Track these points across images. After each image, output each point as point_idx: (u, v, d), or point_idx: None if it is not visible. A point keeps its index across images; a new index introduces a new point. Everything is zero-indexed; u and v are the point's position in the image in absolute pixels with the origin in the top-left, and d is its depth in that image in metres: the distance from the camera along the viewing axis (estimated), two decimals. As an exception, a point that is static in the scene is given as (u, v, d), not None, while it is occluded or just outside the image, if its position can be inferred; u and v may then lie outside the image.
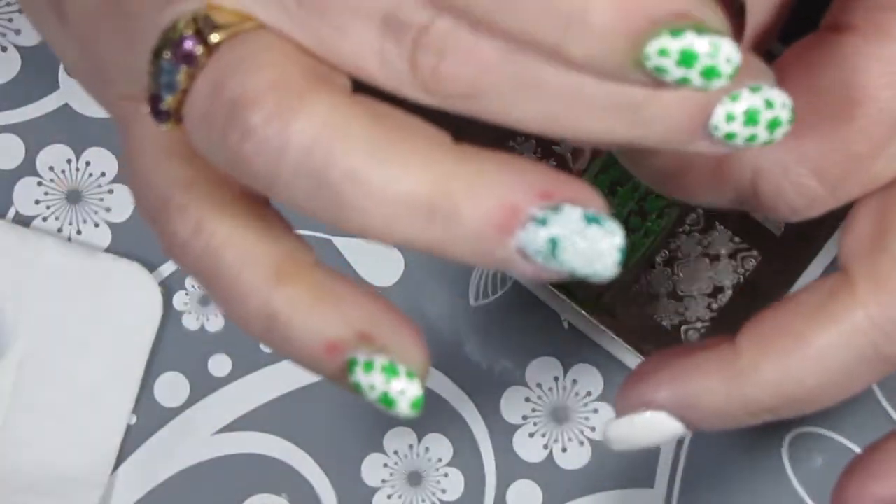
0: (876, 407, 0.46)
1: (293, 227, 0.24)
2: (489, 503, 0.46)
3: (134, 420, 0.46)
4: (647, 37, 0.18)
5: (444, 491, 0.46)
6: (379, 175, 0.20)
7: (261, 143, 0.20)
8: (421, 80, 0.20)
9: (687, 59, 0.19)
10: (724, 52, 0.19)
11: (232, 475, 0.46)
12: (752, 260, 0.45)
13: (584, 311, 0.45)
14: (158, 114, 0.22)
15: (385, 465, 0.46)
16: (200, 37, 0.21)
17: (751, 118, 0.20)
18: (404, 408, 0.22)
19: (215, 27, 0.21)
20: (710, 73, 0.19)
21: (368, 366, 0.22)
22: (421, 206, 0.20)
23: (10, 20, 0.48)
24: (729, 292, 0.45)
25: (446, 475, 0.46)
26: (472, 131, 0.22)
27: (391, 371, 0.22)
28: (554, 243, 0.20)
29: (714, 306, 0.45)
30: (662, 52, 0.19)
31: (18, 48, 0.47)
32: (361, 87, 0.21)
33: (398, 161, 0.20)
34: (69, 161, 0.47)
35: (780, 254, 0.45)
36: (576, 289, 0.45)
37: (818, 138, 0.23)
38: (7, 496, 0.44)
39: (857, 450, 0.46)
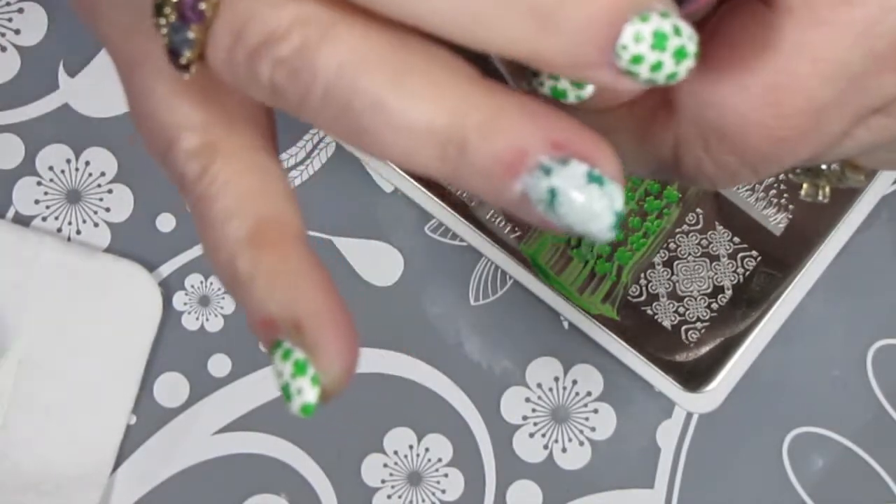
0: (876, 407, 0.46)
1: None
2: (489, 503, 0.46)
3: (134, 420, 0.46)
4: None
5: (444, 491, 0.46)
6: (398, 104, 0.20)
7: (291, 73, 0.21)
8: None
9: None
10: None
11: (232, 475, 0.46)
12: (752, 260, 0.45)
13: (584, 311, 0.45)
14: (179, 66, 0.23)
15: (385, 465, 0.46)
16: None
17: (659, 41, 0.20)
18: (295, 407, 0.23)
19: None
20: None
21: (287, 354, 0.23)
22: (436, 136, 0.20)
23: (10, 20, 0.48)
24: (729, 292, 0.45)
25: (446, 475, 0.46)
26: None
27: (300, 368, 0.23)
28: (553, 194, 0.20)
29: (714, 306, 0.45)
30: None
31: (18, 48, 0.47)
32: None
33: (417, 91, 0.20)
34: (69, 161, 0.47)
35: (780, 254, 0.45)
36: (575, 288, 0.45)
37: (741, 118, 0.23)
38: (7, 496, 0.44)
39: (858, 450, 0.46)
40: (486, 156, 0.20)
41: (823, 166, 0.30)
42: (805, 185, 0.31)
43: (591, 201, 0.20)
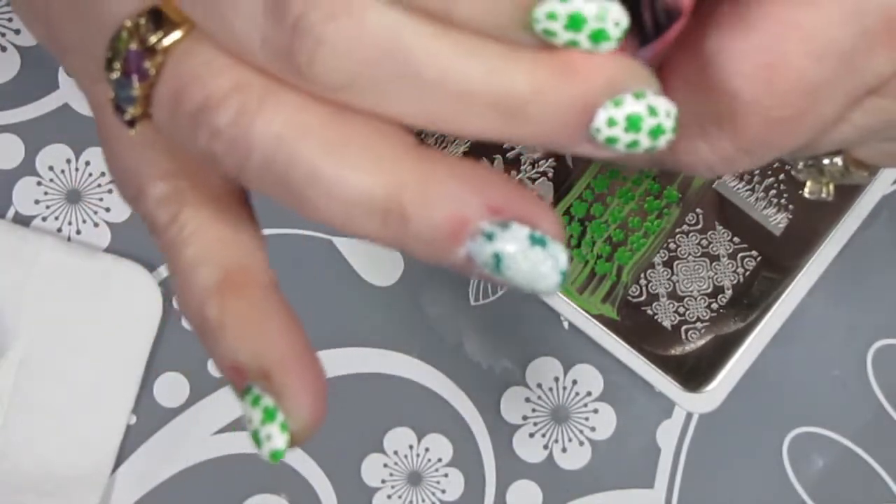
0: (876, 407, 0.46)
1: (292, 224, 0.25)
2: (489, 503, 0.46)
3: (134, 420, 0.46)
4: (534, 1, 0.19)
5: (443, 491, 0.46)
6: (335, 176, 0.20)
7: (228, 143, 0.21)
8: (297, 66, 0.20)
9: (575, 22, 0.19)
10: (612, 16, 0.19)
11: (232, 475, 0.46)
12: (752, 260, 0.45)
13: (584, 311, 0.45)
14: (124, 121, 0.23)
15: (385, 465, 0.46)
16: (146, 46, 0.21)
17: (633, 124, 0.20)
18: (264, 453, 0.23)
19: (163, 27, 0.21)
20: (598, 36, 0.19)
21: (256, 400, 0.23)
22: (375, 207, 0.20)
23: (10, 20, 0.48)
24: (729, 292, 0.45)
25: (446, 475, 0.46)
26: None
27: (269, 415, 0.23)
28: (498, 259, 0.20)
29: (714, 306, 0.45)
30: (551, 16, 0.19)
31: (18, 48, 0.47)
32: None
33: (354, 162, 0.20)
34: (69, 161, 0.47)
35: (780, 254, 0.45)
36: (575, 288, 0.45)
37: (736, 100, 0.23)
38: (7, 496, 0.44)
39: (858, 450, 0.46)
40: (427, 226, 0.20)
41: (826, 161, 0.30)
42: (809, 183, 0.31)
43: (536, 264, 0.20)
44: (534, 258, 0.20)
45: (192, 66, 0.21)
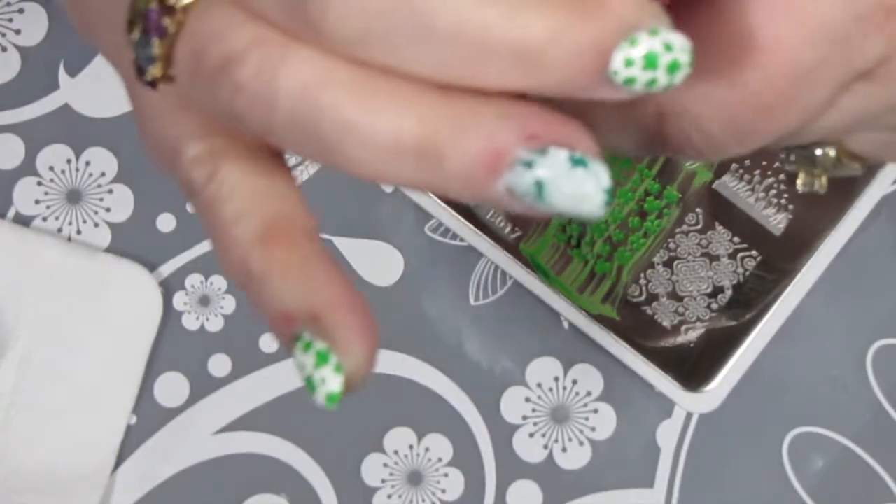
0: (876, 407, 0.46)
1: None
2: (489, 503, 0.46)
3: (134, 420, 0.46)
4: None
5: (444, 491, 0.46)
6: (367, 122, 0.20)
7: (252, 97, 0.20)
8: (310, 21, 0.20)
9: None
10: None
11: (232, 475, 0.46)
12: (752, 260, 0.45)
13: (584, 311, 0.45)
14: (145, 83, 0.22)
15: (385, 465, 0.46)
16: (165, 4, 0.21)
17: (650, 62, 0.20)
18: (320, 397, 0.22)
19: None
20: None
21: (307, 346, 0.23)
22: (409, 149, 0.20)
23: (11, 20, 0.48)
24: (729, 292, 0.45)
25: (446, 475, 0.46)
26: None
27: (322, 358, 0.22)
28: (540, 186, 0.20)
29: (714, 306, 0.45)
30: None
31: (18, 48, 0.47)
32: None
33: (383, 106, 0.20)
34: (69, 161, 0.47)
35: (780, 254, 0.45)
36: (575, 288, 0.45)
37: (725, 86, 0.23)
38: (7, 496, 0.44)
39: (858, 450, 0.46)
40: (463, 162, 0.20)
41: (818, 152, 0.30)
42: (801, 175, 0.31)
43: (580, 185, 0.20)
44: (576, 179, 0.20)
45: (211, 24, 0.21)
